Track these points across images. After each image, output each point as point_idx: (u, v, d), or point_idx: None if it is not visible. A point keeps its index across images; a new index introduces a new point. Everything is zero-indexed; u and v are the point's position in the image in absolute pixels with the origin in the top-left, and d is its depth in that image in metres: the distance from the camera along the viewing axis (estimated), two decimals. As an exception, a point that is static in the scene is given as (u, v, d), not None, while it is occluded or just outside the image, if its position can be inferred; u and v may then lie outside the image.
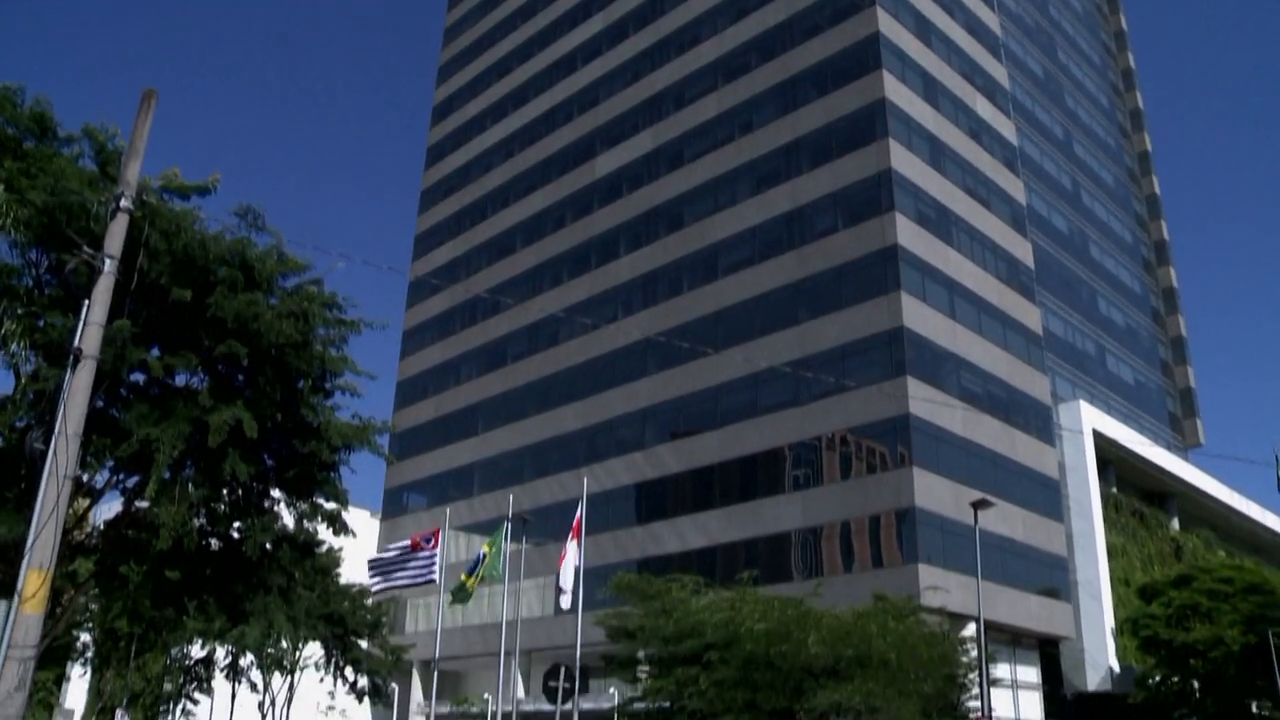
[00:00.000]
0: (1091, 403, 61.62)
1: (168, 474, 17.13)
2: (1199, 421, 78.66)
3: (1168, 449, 69.97)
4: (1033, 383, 55.86)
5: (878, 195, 52.03)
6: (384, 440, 20.90)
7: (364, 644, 55.79)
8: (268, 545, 19.39)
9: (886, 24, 55.91)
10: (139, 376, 17.99)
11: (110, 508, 21.88)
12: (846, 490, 48.52)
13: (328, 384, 19.26)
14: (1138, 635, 49.71)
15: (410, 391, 76.77)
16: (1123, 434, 61.80)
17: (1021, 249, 59.50)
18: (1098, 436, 59.11)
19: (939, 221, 53.87)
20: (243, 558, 19.05)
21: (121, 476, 18.74)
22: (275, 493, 19.77)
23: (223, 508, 19.20)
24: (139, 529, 18.38)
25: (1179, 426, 77.98)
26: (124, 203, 13.61)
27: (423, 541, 33.13)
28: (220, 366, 18.19)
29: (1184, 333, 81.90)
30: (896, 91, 54.50)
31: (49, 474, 12.15)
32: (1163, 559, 63.40)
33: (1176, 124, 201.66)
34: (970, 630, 40.48)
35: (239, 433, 16.86)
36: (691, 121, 63.77)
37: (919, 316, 49.72)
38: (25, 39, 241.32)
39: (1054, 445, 56.01)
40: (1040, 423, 55.35)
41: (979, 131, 60.25)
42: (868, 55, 55.26)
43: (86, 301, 13.05)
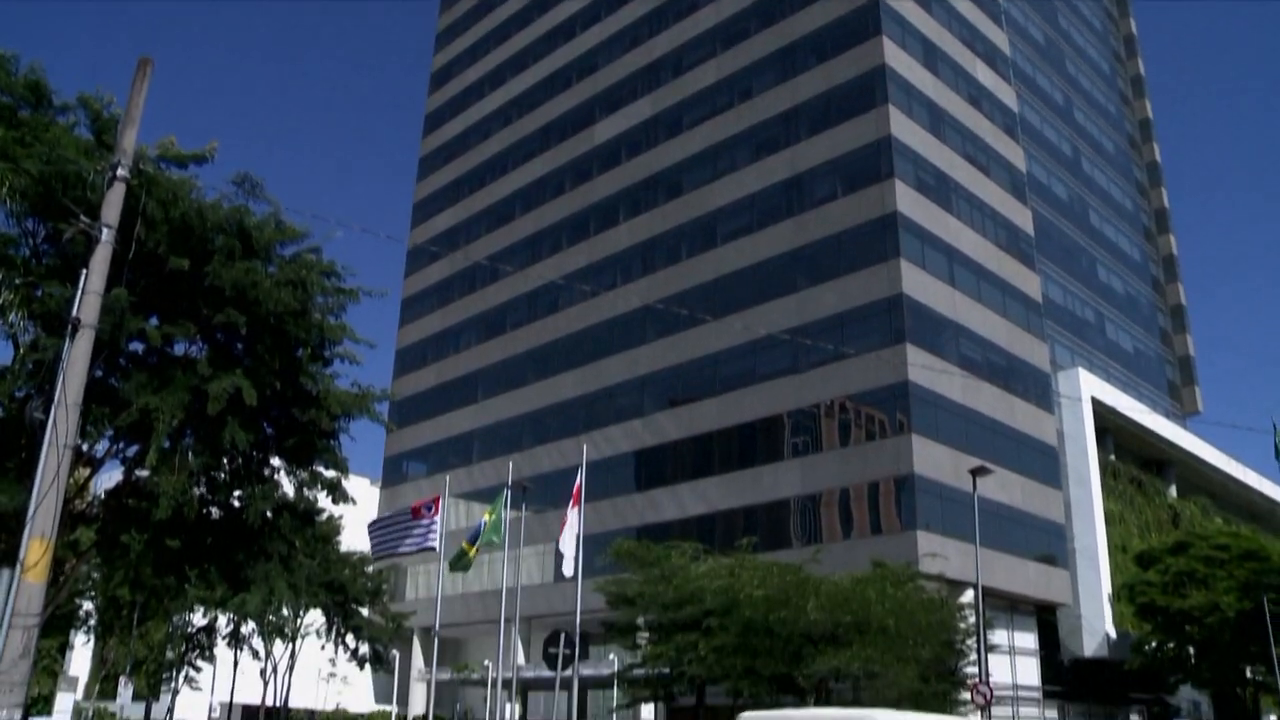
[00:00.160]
0: (1090, 370, 61.66)
1: (167, 443, 17.16)
2: (1197, 389, 78.77)
3: (1166, 417, 70.11)
4: (1032, 350, 55.87)
5: (877, 162, 51.84)
6: (383, 408, 20.93)
7: (365, 611, 56.12)
8: (268, 513, 19.44)
9: (887, -11, 55.49)
10: (138, 346, 17.99)
11: (111, 477, 21.94)
12: (845, 457, 48.63)
13: (327, 352, 19.25)
14: (1134, 602, 49.98)
15: (409, 359, 76.80)
16: (1121, 401, 61.89)
17: (1021, 216, 59.35)
18: (1096, 404, 59.19)
19: (939, 188, 53.71)
20: (243, 526, 19.10)
21: (121, 446, 18.77)
22: (275, 461, 19.81)
23: (223, 476, 19.24)
24: (139, 498, 18.43)
25: (1178, 394, 78.09)
26: (121, 171, 13.53)
27: (423, 509, 33.21)
28: (219, 335, 18.18)
29: (1183, 301, 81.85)
30: (896, 58, 54.17)
31: (49, 443, 12.16)
32: (1160, 526, 63.65)
33: (1178, 91, 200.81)
34: (968, 597, 40.73)
35: (238, 401, 16.88)
36: (691, 88, 63.45)
37: (918, 284, 49.66)
38: (18, 5, 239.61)
39: (1053, 413, 56.10)
40: (1039, 390, 55.41)
41: (979, 98, 59.95)
42: (868, 21, 54.87)
43: (84, 271, 13.01)
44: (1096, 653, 53.89)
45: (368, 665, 58.21)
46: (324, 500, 20.85)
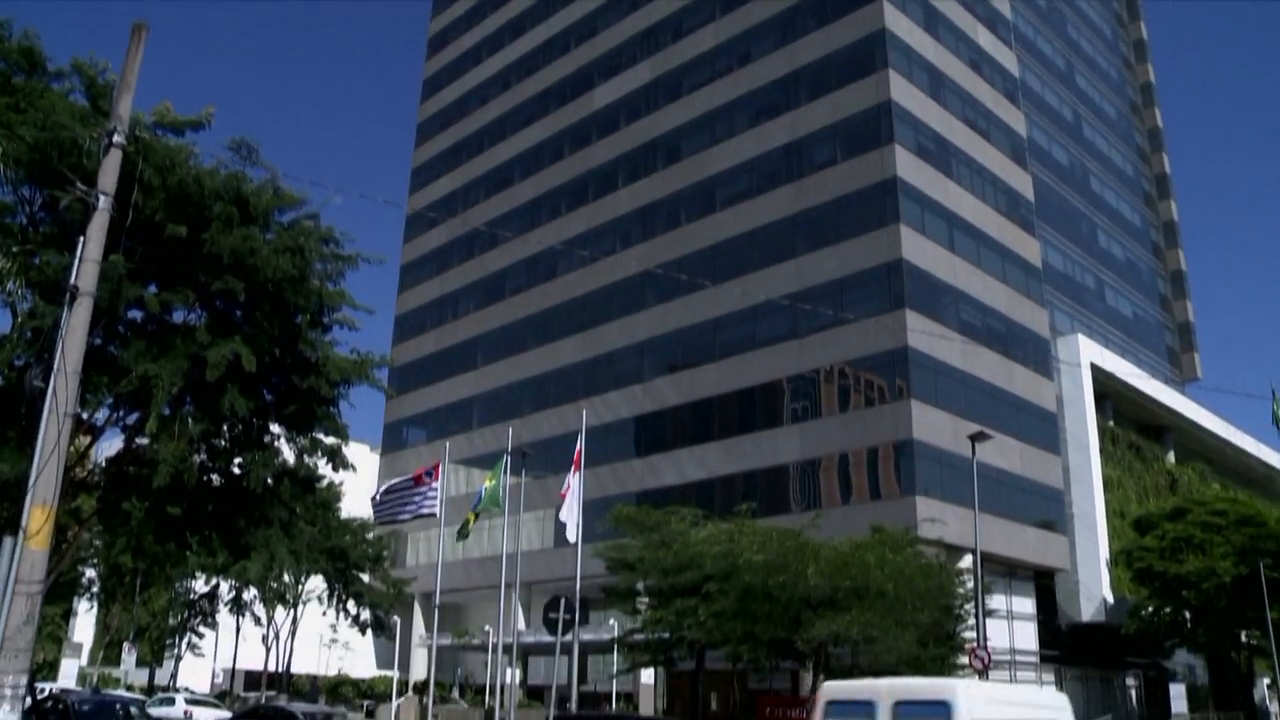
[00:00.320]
0: (1090, 336, 61.64)
1: (167, 410, 17.18)
2: (1197, 355, 78.82)
3: (1165, 382, 70.14)
4: (1031, 316, 55.83)
5: (877, 127, 51.58)
6: (383, 374, 20.94)
7: (365, 577, 56.43)
8: (269, 480, 19.49)
9: (887, -48, 55.00)
10: (136, 314, 17.98)
11: (111, 445, 21.99)
12: (845, 423, 48.70)
13: (326, 318, 19.24)
14: (1132, 567, 50.22)
15: (408, 325, 76.74)
16: (1120, 367, 61.90)
17: (1021, 181, 59.13)
18: (1095, 370, 59.22)
19: (939, 153, 53.48)
20: (244, 492, 19.15)
21: (121, 413, 18.80)
22: (275, 428, 19.83)
23: (223, 443, 19.28)
24: (140, 465, 18.47)
25: (1177, 360, 78.13)
26: (116, 138, 13.44)
27: (425, 476, 33.33)
28: (217, 302, 18.15)
29: (1184, 267, 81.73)
30: (896, 22, 53.76)
31: (49, 411, 12.16)
32: (1158, 492, 63.85)
33: (1181, 55, 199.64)
34: (966, 562, 40.89)
35: (237, 368, 16.87)
36: (690, 53, 63.01)
37: (918, 249, 49.54)
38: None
39: (1052, 378, 56.13)
40: (1038, 356, 55.42)
41: (980, 62, 59.56)
42: (868, -16, 54.40)
43: (82, 238, 12.96)
44: (1093, 617, 54.20)
45: (369, 631, 58.61)
46: (324, 467, 20.90)
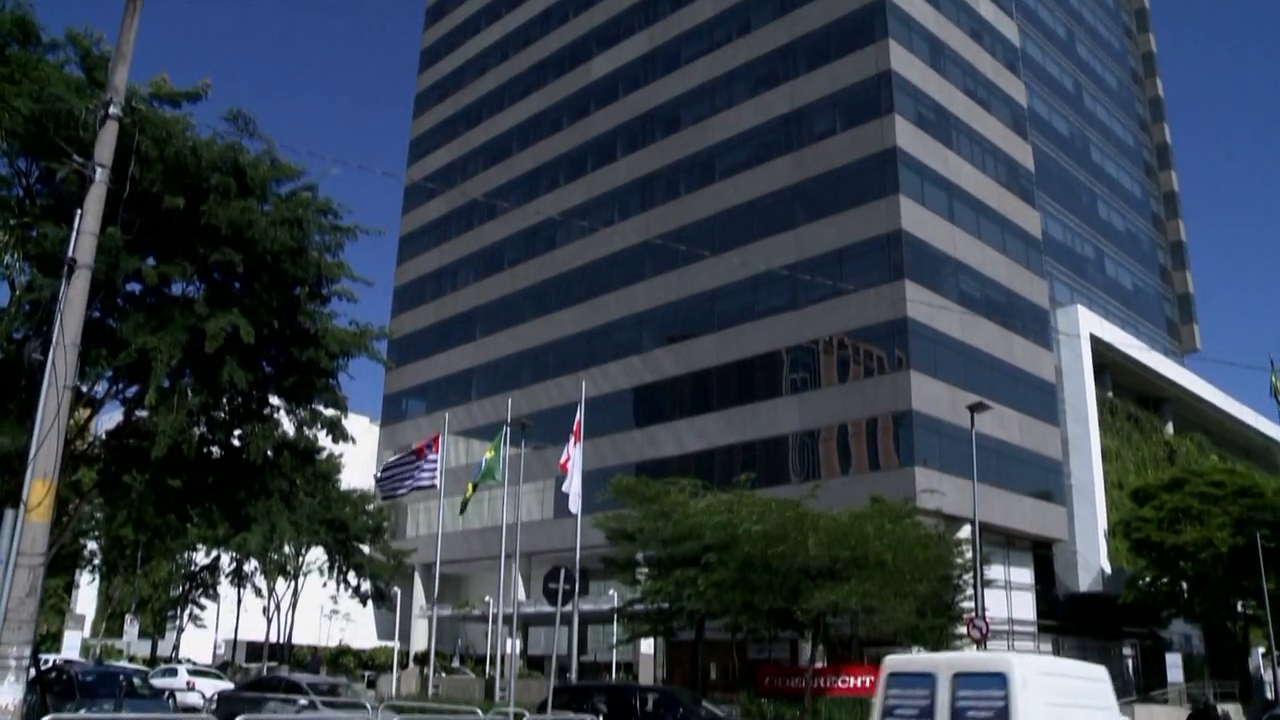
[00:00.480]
0: (1089, 307, 61.62)
1: (166, 382, 17.16)
2: (1196, 327, 78.82)
3: (1164, 354, 70.21)
4: (1031, 287, 55.78)
5: (877, 97, 51.36)
6: (382, 346, 20.91)
7: (366, 549, 56.60)
8: (268, 452, 19.49)
9: (888, -80, 54.55)
10: (135, 286, 17.91)
11: (111, 418, 21.99)
12: (844, 393, 48.75)
13: (324, 290, 19.17)
14: (1129, 537, 50.39)
15: (407, 297, 76.70)
16: (1120, 339, 61.94)
17: (1021, 152, 58.93)
18: (1095, 341, 59.23)
19: (939, 124, 53.27)
20: (244, 464, 19.17)
21: (121, 386, 18.79)
22: (274, 400, 19.83)
23: (222, 415, 19.28)
24: (140, 438, 18.46)
25: (1176, 332, 78.14)
26: (113, 109, 13.36)
27: (425, 449, 33.46)
28: (216, 274, 18.08)
29: (1184, 238, 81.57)
30: (898, -10, 53.42)
31: (48, 384, 12.15)
32: (1156, 463, 63.99)
33: (1182, 25, 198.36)
34: (965, 532, 41.07)
35: (236, 340, 16.84)
36: (688, 22, 62.64)
37: (917, 220, 49.44)
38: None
39: (1051, 349, 56.14)
40: (1038, 327, 55.41)
41: (980, 32, 59.23)
42: (869, -47, 54.02)
43: (79, 211, 12.91)
44: (1091, 587, 54.46)
45: (370, 602, 58.80)
46: (324, 439, 20.93)
